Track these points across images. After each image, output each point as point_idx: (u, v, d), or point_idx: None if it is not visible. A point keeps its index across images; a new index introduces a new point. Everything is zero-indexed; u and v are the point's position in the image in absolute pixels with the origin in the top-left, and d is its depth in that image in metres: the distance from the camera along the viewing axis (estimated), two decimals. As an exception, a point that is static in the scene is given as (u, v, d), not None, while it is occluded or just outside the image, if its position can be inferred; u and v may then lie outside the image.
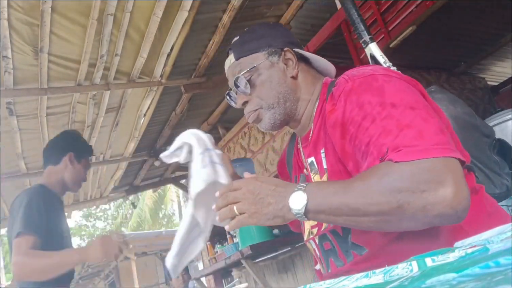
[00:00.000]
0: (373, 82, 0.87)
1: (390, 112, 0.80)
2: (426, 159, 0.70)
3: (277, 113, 1.04)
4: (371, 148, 0.80)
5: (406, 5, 2.62)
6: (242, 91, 1.04)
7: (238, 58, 1.06)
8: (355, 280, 0.48)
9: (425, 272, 0.41)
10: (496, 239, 0.44)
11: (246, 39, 1.07)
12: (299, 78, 1.06)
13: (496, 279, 0.30)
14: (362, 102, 0.84)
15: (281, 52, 1.05)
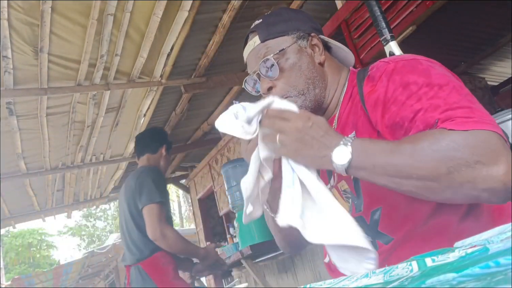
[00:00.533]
0: (417, 65, 0.85)
1: (437, 93, 0.78)
2: (482, 131, 0.68)
3: (307, 100, 0.98)
4: (416, 123, 0.77)
5: (406, 5, 2.62)
6: (269, 75, 0.98)
7: (264, 40, 0.99)
8: (355, 280, 0.48)
9: (425, 272, 0.41)
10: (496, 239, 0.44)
11: (272, 21, 1.02)
12: (326, 64, 1.02)
13: (496, 279, 0.30)
14: (406, 82, 0.82)
15: (308, 37, 1.01)
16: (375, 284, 0.44)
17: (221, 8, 3.09)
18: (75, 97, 3.47)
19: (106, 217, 27.81)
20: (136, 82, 3.45)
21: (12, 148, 3.92)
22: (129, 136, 4.60)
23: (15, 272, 22.46)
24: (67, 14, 2.61)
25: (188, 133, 5.50)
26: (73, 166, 4.80)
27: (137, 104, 3.94)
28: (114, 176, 5.69)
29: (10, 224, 5.86)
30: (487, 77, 5.83)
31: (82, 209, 6.96)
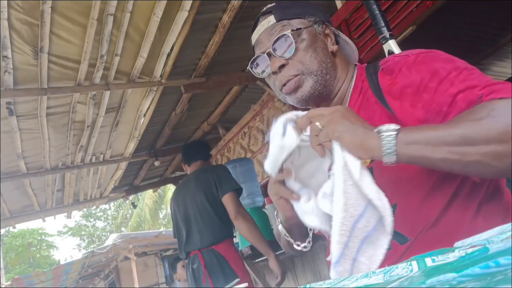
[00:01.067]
0: (438, 55, 0.85)
1: (468, 75, 0.78)
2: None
3: (318, 83, 0.96)
4: (458, 103, 0.76)
5: (406, 5, 2.62)
6: (282, 52, 0.95)
7: (280, 20, 0.97)
8: (355, 280, 0.48)
9: (425, 272, 0.41)
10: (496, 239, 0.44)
11: (288, 4, 1.01)
12: (336, 56, 1.02)
13: (496, 279, 0.30)
14: (434, 69, 0.82)
15: (323, 25, 1.01)
16: (375, 284, 0.44)
17: (221, 8, 3.10)
18: (75, 97, 3.47)
19: (106, 217, 27.82)
20: (136, 82, 3.45)
21: (12, 148, 3.92)
22: (129, 136, 4.60)
23: (15, 272, 22.47)
24: (67, 14, 2.61)
25: (188, 133, 5.50)
26: (73, 166, 4.80)
27: (137, 104, 3.94)
28: (114, 176, 5.69)
29: (10, 224, 5.86)
30: (487, 77, 5.83)
31: (82, 209, 6.96)
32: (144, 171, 6.13)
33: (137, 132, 4.48)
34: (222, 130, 5.48)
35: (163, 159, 5.79)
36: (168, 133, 5.01)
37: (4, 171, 4.25)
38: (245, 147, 4.98)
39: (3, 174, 4.27)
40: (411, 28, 2.62)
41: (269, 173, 0.81)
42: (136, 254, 11.36)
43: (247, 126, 4.86)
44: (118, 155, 5.08)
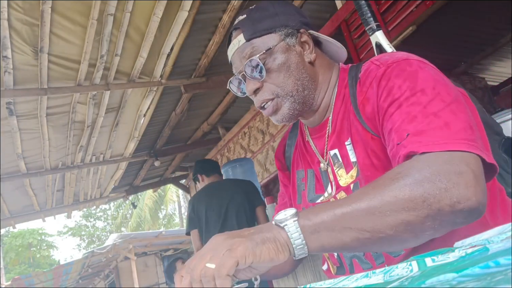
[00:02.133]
0: (406, 67, 0.80)
1: (419, 98, 0.73)
2: (446, 152, 0.65)
3: (296, 102, 0.91)
4: (392, 135, 0.74)
5: (406, 5, 2.62)
6: (255, 76, 0.91)
7: (250, 39, 0.91)
8: (355, 280, 0.48)
9: (425, 272, 0.41)
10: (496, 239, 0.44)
11: (257, 18, 0.94)
12: (316, 63, 0.95)
13: (496, 279, 0.30)
14: (391, 87, 0.78)
15: (297, 34, 0.94)
16: (375, 284, 0.44)
17: (221, 8, 3.10)
18: (75, 97, 3.48)
19: (106, 217, 27.82)
20: (136, 82, 3.45)
21: (12, 148, 3.92)
22: (129, 136, 4.60)
23: (15, 272, 22.47)
24: (67, 14, 2.61)
25: (188, 133, 5.50)
26: (73, 166, 4.81)
27: (137, 104, 3.95)
28: (114, 176, 5.70)
29: (10, 224, 5.86)
30: (487, 77, 5.83)
31: (82, 209, 6.96)
32: (144, 171, 6.13)
33: (137, 132, 4.48)
34: (222, 130, 5.48)
35: (163, 159, 5.79)
36: (168, 133, 5.01)
37: (4, 171, 4.25)
38: (245, 147, 4.97)
39: (3, 174, 4.27)
40: (411, 28, 2.62)
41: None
42: (136, 254, 11.36)
43: (247, 126, 4.86)
44: (118, 155, 5.08)
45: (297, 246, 0.65)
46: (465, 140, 0.67)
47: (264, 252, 0.63)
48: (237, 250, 0.62)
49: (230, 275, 0.62)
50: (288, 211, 0.66)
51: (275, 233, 0.65)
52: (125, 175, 5.91)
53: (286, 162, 1.15)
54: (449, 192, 0.61)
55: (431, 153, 0.66)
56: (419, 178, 0.63)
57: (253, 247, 0.63)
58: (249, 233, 0.66)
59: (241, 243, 0.63)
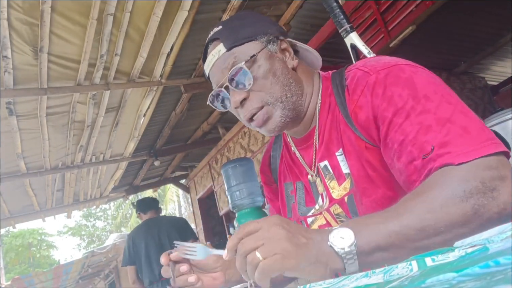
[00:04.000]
0: (400, 73, 0.77)
1: (425, 106, 0.71)
2: (483, 158, 0.64)
3: (286, 108, 0.87)
4: (408, 147, 0.71)
5: (406, 5, 2.62)
6: (240, 86, 0.86)
7: (231, 48, 0.87)
8: (355, 280, 0.48)
9: (425, 271, 0.41)
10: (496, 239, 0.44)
11: (235, 26, 0.91)
12: (298, 70, 0.93)
13: (496, 279, 0.30)
14: (390, 96, 0.75)
15: (277, 41, 0.91)
16: (375, 284, 0.44)
17: (221, 8, 3.10)
18: (75, 97, 3.47)
19: (106, 217, 27.82)
20: (136, 82, 3.45)
21: (12, 148, 3.92)
22: (129, 136, 4.60)
23: (15, 272, 22.47)
24: (67, 14, 2.61)
25: (188, 133, 5.50)
26: (73, 166, 4.80)
27: (137, 104, 3.94)
28: (114, 176, 5.69)
29: (10, 224, 5.86)
30: (487, 77, 5.84)
31: (82, 209, 6.96)
32: (144, 171, 6.13)
33: (137, 132, 4.48)
34: (222, 130, 5.48)
35: (163, 159, 5.79)
36: (168, 133, 5.00)
37: (4, 171, 4.25)
38: (245, 147, 4.98)
39: (3, 174, 4.27)
40: (411, 28, 2.62)
41: None
42: (136, 254, 11.34)
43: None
44: (118, 155, 5.08)
45: (350, 269, 0.63)
46: (488, 141, 0.67)
47: (310, 272, 0.62)
48: (289, 262, 0.60)
49: (268, 282, 0.62)
50: (345, 234, 0.62)
51: (330, 260, 0.62)
52: (125, 175, 5.91)
53: (272, 175, 1.11)
54: (497, 200, 0.61)
55: (468, 163, 0.65)
56: (468, 189, 0.62)
57: (305, 265, 0.61)
58: (307, 243, 0.62)
59: (297, 256, 0.60)
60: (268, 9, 3.34)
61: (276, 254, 0.60)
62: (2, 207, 5.17)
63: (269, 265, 0.60)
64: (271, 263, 0.59)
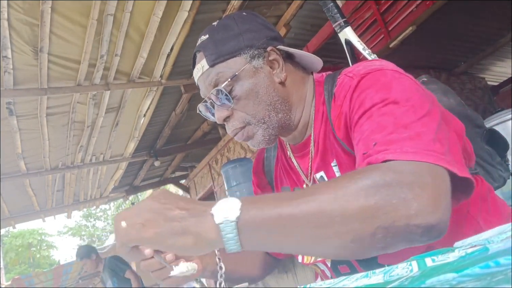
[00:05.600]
0: (380, 77, 0.75)
1: (391, 109, 0.69)
2: (413, 162, 0.60)
3: (270, 127, 0.86)
4: (359, 145, 0.69)
5: (406, 5, 2.62)
6: (224, 105, 0.85)
7: (213, 64, 0.84)
8: (355, 280, 0.48)
9: (425, 272, 0.41)
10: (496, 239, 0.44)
11: (220, 39, 0.86)
12: (288, 81, 0.88)
13: (496, 279, 0.30)
14: (363, 99, 0.73)
15: (264, 53, 0.86)
16: (375, 284, 0.44)
17: (221, 8, 3.10)
18: (75, 97, 3.48)
19: (106, 217, 27.82)
20: (136, 82, 3.45)
21: (12, 148, 3.92)
22: (129, 136, 4.60)
23: (15, 272, 22.46)
24: (67, 14, 2.61)
25: (188, 133, 5.50)
26: (73, 166, 4.81)
27: (137, 104, 3.95)
28: (114, 176, 5.70)
29: (10, 224, 5.86)
30: (487, 77, 5.84)
31: (82, 209, 6.97)
32: (144, 171, 6.13)
33: (137, 132, 4.48)
34: (222, 130, 5.48)
35: (163, 159, 5.79)
36: (168, 133, 5.00)
37: (4, 171, 4.25)
38: (245, 147, 4.97)
39: (3, 174, 4.27)
40: (411, 28, 2.63)
41: None
42: (136, 254, 11.35)
43: (247, 126, 4.86)
44: (118, 155, 5.08)
45: (229, 246, 0.58)
46: (434, 152, 0.62)
47: (175, 244, 0.59)
48: (147, 231, 0.59)
49: (127, 247, 0.61)
50: (230, 204, 0.58)
51: (206, 231, 0.58)
52: (125, 175, 5.91)
53: (267, 177, 1.08)
54: (408, 203, 0.56)
55: (397, 161, 0.61)
56: (379, 183, 0.57)
57: (166, 236, 0.58)
58: (174, 214, 0.59)
59: (157, 226, 0.58)
60: (268, 9, 3.34)
61: (136, 223, 0.59)
62: (2, 207, 5.17)
63: (126, 233, 0.59)
64: (129, 231, 0.59)
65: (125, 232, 0.60)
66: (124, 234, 0.60)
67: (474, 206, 0.81)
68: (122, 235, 0.60)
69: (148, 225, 0.59)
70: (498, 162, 1.00)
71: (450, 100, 1.03)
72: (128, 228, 0.60)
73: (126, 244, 0.61)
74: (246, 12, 0.93)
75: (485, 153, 0.99)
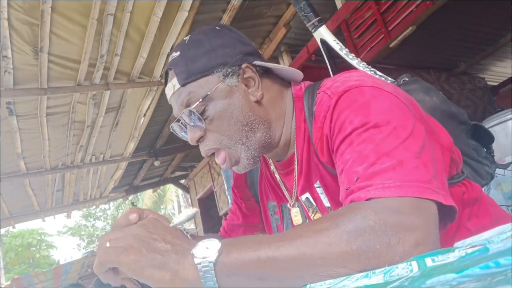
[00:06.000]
0: (358, 97, 0.71)
1: (371, 135, 0.65)
2: (396, 198, 0.57)
3: (251, 149, 0.82)
4: (343, 177, 0.66)
5: (406, 5, 2.62)
6: (196, 126, 0.81)
7: (184, 84, 0.80)
8: (355, 280, 0.48)
9: (425, 272, 0.41)
10: (496, 239, 0.44)
11: (191, 56, 0.81)
12: (265, 99, 0.84)
13: (496, 280, 0.30)
14: (342, 122, 0.70)
15: (239, 71, 0.81)
16: (375, 285, 0.44)
17: (221, 8, 3.10)
18: (75, 97, 3.48)
19: (105, 217, 27.82)
20: (136, 82, 3.45)
21: (12, 148, 3.92)
22: (129, 136, 4.60)
23: (14, 272, 22.46)
24: (67, 14, 2.61)
25: (188, 133, 5.50)
26: (73, 166, 4.81)
27: (137, 104, 3.95)
28: (114, 176, 5.70)
29: (10, 224, 5.86)
30: (487, 77, 5.84)
31: (81, 209, 6.97)
32: (144, 171, 6.13)
33: (137, 132, 4.48)
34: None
35: (163, 159, 5.79)
36: (168, 133, 5.01)
37: (4, 171, 4.25)
38: (245, 147, 4.97)
39: (3, 174, 4.27)
40: (411, 28, 2.62)
41: None
42: (136, 254, 11.35)
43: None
44: (118, 155, 5.08)
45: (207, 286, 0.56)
46: (418, 182, 0.59)
47: (152, 278, 0.56)
48: (127, 257, 0.57)
49: (104, 267, 0.60)
50: (211, 244, 0.57)
51: (182, 267, 0.56)
52: (125, 175, 5.91)
53: (251, 190, 1.05)
54: (392, 248, 0.53)
55: (380, 199, 0.57)
56: (361, 226, 0.54)
57: (144, 266, 0.56)
58: (158, 246, 0.58)
59: (138, 254, 0.57)
60: (268, 9, 3.35)
61: (119, 246, 0.58)
62: (2, 207, 5.17)
63: (107, 253, 0.58)
64: (110, 251, 0.58)
65: (106, 252, 0.59)
66: (104, 254, 0.59)
67: (464, 215, 0.79)
68: (102, 254, 0.59)
69: (130, 250, 0.57)
70: (484, 156, 0.98)
71: (433, 98, 0.99)
72: (110, 249, 0.58)
73: (103, 264, 0.59)
74: (219, 26, 0.88)
75: (471, 149, 0.96)
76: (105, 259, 0.58)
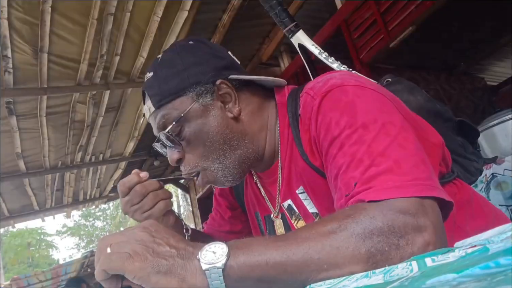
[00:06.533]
0: (341, 97, 0.69)
1: (361, 136, 0.64)
2: (401, 199, 0.56)
3: (230, 167, 0.80)
4: (338, 183, 0.64)
5: (406, 6, 2.62)
6: (174, 148, 0.81)
7: (159, 107, 0.79)
8: (355, 280, 0.48)
9: (425, 272, 0.41)
10: (496, 239, 0.44)
11: (163, 77, 0.80)
12: (244, 113, 0.82)
13: (497, 280, 0.30)
14: (328, 123, 0.69)
15: (213, 88, 0.79)
16: (375, 285, 0.44)
17: (221, 8, 3.10)
18: (75, 97, 3.47)
19: (105, 217, 27.81)
20: (136, 81, 3.45)
21: (12, 147, 3.92)
22: (129, 136, 4.60)
23: (14, 272, 22.45)
24: (67, 14, 2.61)
25: (188, 133, 5.50)
26: (73, 165, 4.80)
27: (137, 104, 3.94)
28: (113, 176, 5.69)
29: (10, 224, 5.86)
30: (487, 77, 5.84)
31: (81, 208, 6.96)
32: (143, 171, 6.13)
33: (136, 131, 4.47)
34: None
35: (162, 159, 5.79)
36: (168, 132, 5.01)
37: (3, 170, 4.25)
38: (244, 147, 4.97)
39: (2, 173, 4.27)
40: (411, 28, 2.63)
41: None
42: (136, 254, 11.34)
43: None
44: (118, 155, 5.08)
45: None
46: (418, 180, 0.58)
47: (159, 284, 0.54)
48: (131, 264, 0.54)
49: (107, 274, 0.57)
50: (217, 249, 0.55)
51: (190, 273, 0.54)
52: (124, 174, 5.90)
53: (237, 200, 1.04)
54: (401, 250, 0.52)
55: (381, 202, 0.56)
56: (369, 228, 0.53)
57: (150, 273, 0.54)
58: (163, 251, 0.56)
59: (143, 261, 0.55)
60: (268, 9, 3.35)
61: (123, 252, 0.56)
62: (2, 206, 5.17)
63: (110, 260, 0.55)
64: (113, 258, 0.55)
65: (109, 259, 0.56)
66: (108, 261, 0.56)
67: (460, 216, 0.79)
68: (106, 262, 0.56)
69: (135, 256, 0.55)
70: (471, 152, 0.97)
71: (418, 97, 0.98)
72: (113, 255, 0.56)
73: (107, 271, 0.57)
74: (193, 41, 0.86)
75: (458, 146, 0.95)
76: (108, 266, 0.56)
